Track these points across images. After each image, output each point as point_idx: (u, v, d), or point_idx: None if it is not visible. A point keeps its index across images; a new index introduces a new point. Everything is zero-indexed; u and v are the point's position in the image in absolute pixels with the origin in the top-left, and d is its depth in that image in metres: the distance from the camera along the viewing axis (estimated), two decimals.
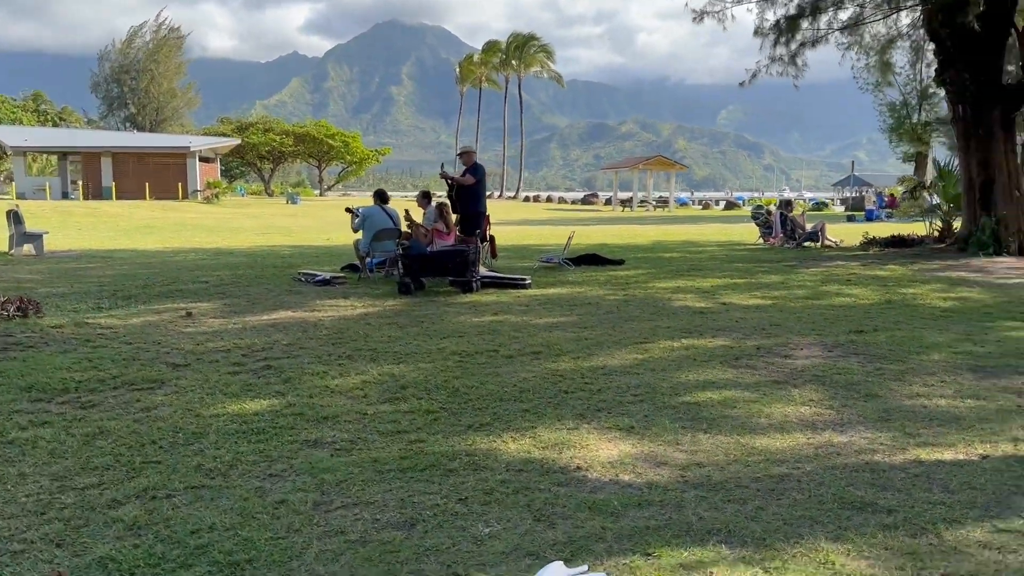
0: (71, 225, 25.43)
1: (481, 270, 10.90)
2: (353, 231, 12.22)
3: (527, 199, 75.03)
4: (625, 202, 54.21)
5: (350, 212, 12.48)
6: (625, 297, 9.82)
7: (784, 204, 19.82)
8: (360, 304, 9.26)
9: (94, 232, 22.98)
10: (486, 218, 11.88)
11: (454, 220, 11.73)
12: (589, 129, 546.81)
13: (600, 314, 8.53)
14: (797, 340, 7.10)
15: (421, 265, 10.56)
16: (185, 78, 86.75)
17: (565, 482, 3.76)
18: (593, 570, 2.88)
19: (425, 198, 12.86)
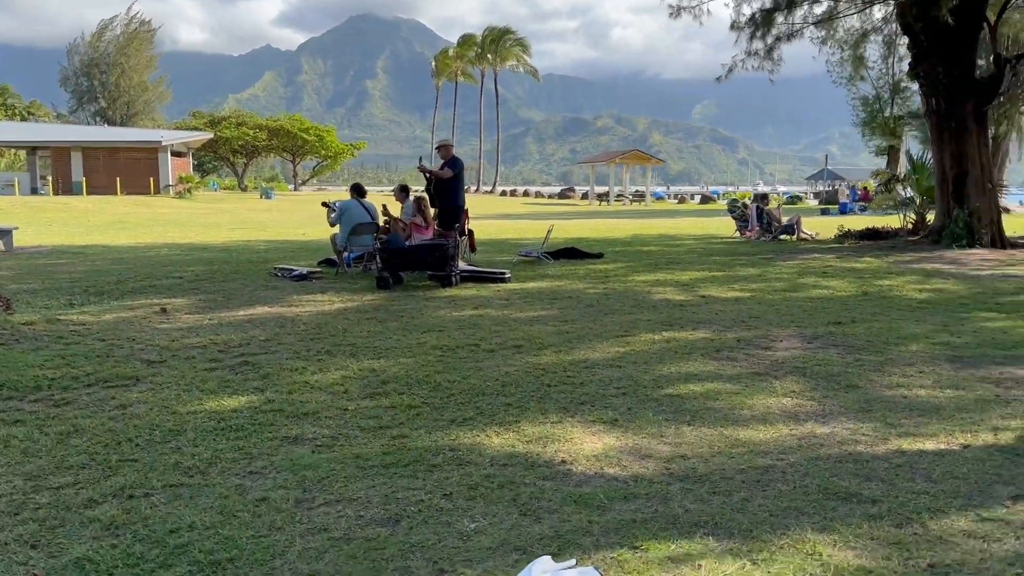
0: (41, 221, 24.99)
1: (460, 264, 10.84)
2: (330, 225, 12.10)
3: (504, 193, 74.95)
4: (602, 196, 54.33)
5: (326, 206, 12.36)
6: (605, 290, 9.82)
7: (760, 197, 19.94)
8: (338, 299, 9.17)
9: (65, 228, 22.59)
10: (465, 212, 11.82)
11: (432, 214, 11.67)
12: (565, 123, 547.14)
13: (581, 307, 8.52)
14: (777, 332, 7.13)
15: (399, 259, 10.48)
16: (156, 72, 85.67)
17: (550, 476, 3.74)
18: (581, 564, 2.86)
19: (403, 192, 12.79)
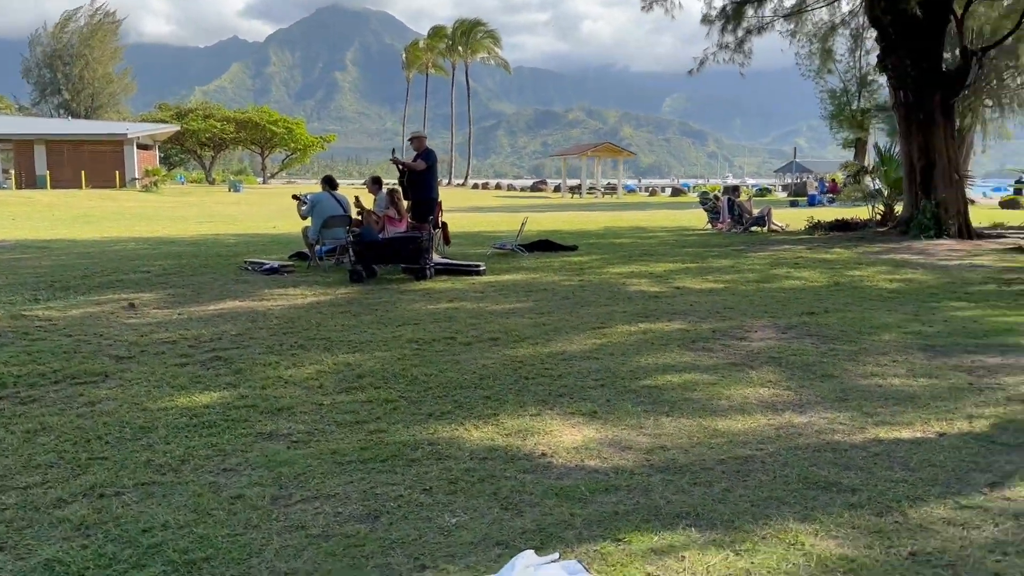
0: (4, 215, 24.44)
1: (434, 257, 10.77)
2: (301, 218, 11.95)
3: (476, 186, 74.73)
4: (574, 189, 54.39)
5: (297, 199, 12.20)
6: (580, 282, 9.81)
7: (732, 190, 20.08)
8: (310, 292, 9.06)
9: (29, 222, 22.12)
10: (438, 204, 11.73)
11: (406, 206, 11.57)
12: (536, 116, 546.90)
13: (556, 299, 8.50)
14: (751, 323, 7.17)
15: (373, 252, 10.38)
16: (121, 63, 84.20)
17: (531, 469, 3.70)
18: (564, 558, 2.83)
19: (376, 184, 12.67)
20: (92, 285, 9.51)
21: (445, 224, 12.58)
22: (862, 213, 18.96)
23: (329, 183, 11.89)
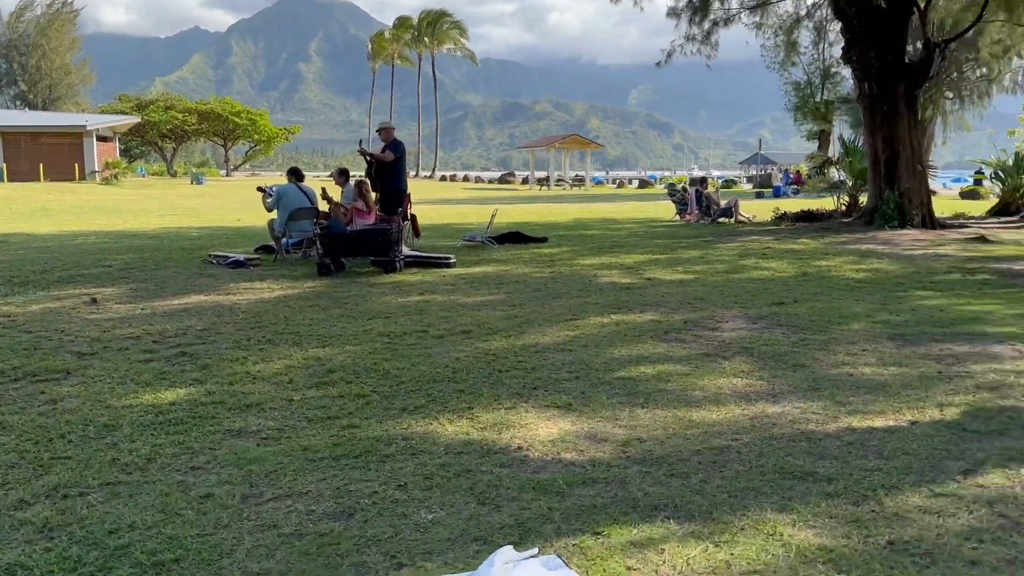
0: None
1: (404, 249, 10.67)
2: (267, 210, 11.78)
3: (443, 178, 74.35)
4: (542, 181, 54.35)
5: (262, 191, 12.02)
6: (551, 274, 9.78)
7: (699, 181, 20.19)
8: (278, 286, 8.92)
9: None
10: (407, 196, 11.61)
11: (374, 198, 11.44)
12: (503, 108, 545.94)
13: (528, 292, 8.46)
14: (722, 313, 7.19)
15: (341, 245, 10.26)
16: (80, 54, 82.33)
17: (507, 463, 3.66)
18: (543, 553, 2.80)
19: (343, 176, 12.51)
20: (52, 280, 9.27)
21: (414, 216, 12.48)
22: (827, 204, 19.18)
23: (295, 175, 11.72)
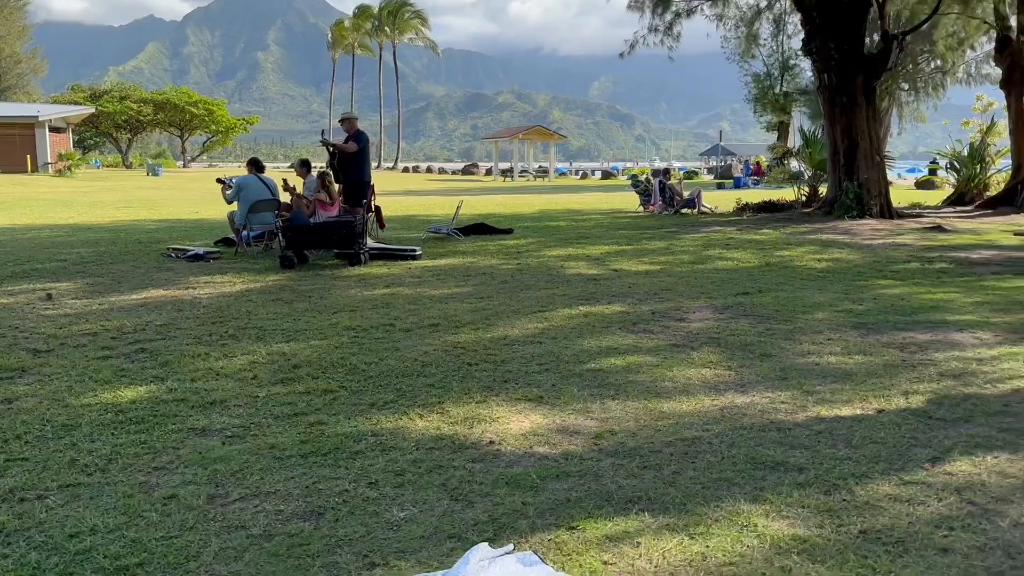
0: None
1: (368, 242, 10.55)
2: (227, 202, 11.55)
3: (406, 170, 73.81)
4: (506, 172, 54.23)
5: (221, 183, 11.80)
6: (518, 266, 9.74)
7: (663, 172, 20.29)
8: (239, 280, 8.76)
9: None
10: (371, 188, 11.47)
11: (337, 190, 11.29)
12: (466, 99, 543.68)
13: (495, 284, 8.41)
14: (689, 304, 7.22)
15: (304, 237, 10.11)
16: (31, 43, 79.93)
17: (479, 458, 3.62)
18: (519, 549, 2.76)
19: (304, 167, 12.33)
20: (5, 275, 8.99)
21: (379, 208, 12.34)
22: (788, 195, 19.42)
23: (255, 166, 11.54)
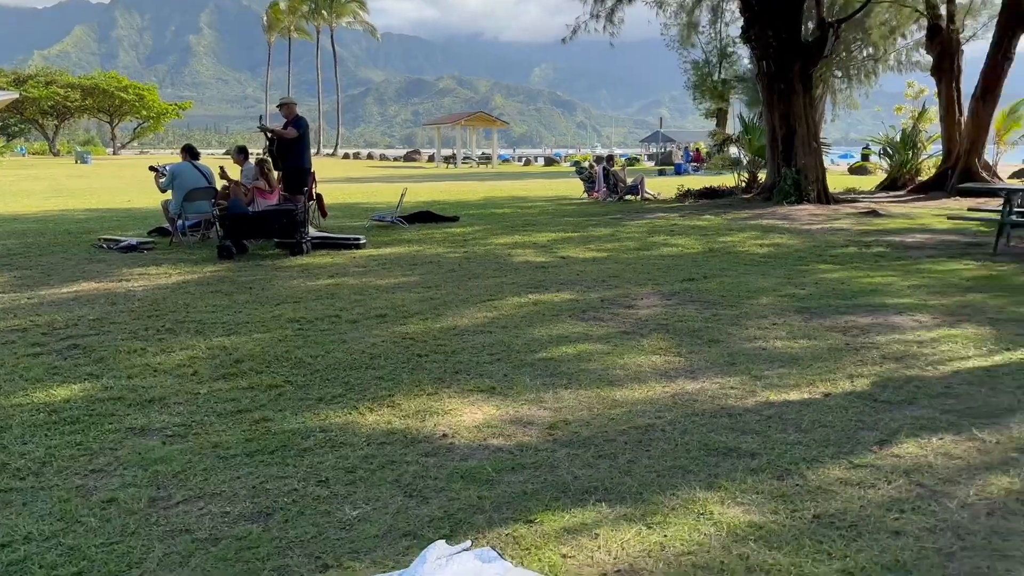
0: None
1: (310, 231, 10.33)
2: (160, 191, 11.20)
3: (347, 156, 72.79)
4: (449, 159, 53.90)
5: (155, 170, 11.43)
6: (465, 254, 9.65)
7: (607, 159, 20.38)
8: (175, 271, 8.49)
9: None
10: (312, 175, 11.22)
11: (276, 177, 11.02)
12: (406, 84, 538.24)
13: (443, 272, 8.31)
14: (637, 291, 7.24)
15: (242, 226, 9.84)
16: None
17: (432, 452, 3.55)
18: (477, 545, 2.71)
19: (241, 153, 12.03)
20: None
21: (320, 196, 12.10)
22: (728, 181, 19.71)
23: (190, 152, 11.22)
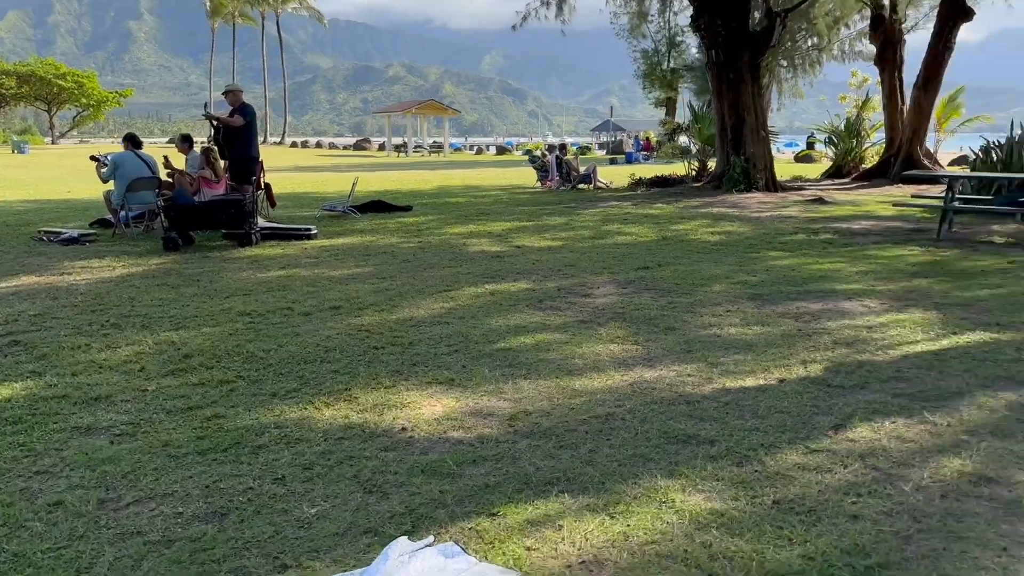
0: None
1: (259, 221, 10.12)
2: (102, 181, 10.88)
3: (295, 145, 71.59)
4: (400, 147, 53.40)
5: (96, 160, 11.10)
6: (420, 244, 9.56)
7: (559, 148, 20.41)
8: (119, 264, 8.25)
9: None
10: (260, 164, 10.99)
11: (223, 167, 10.78)
12: (355, 71, 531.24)
13: (397, 263, 8.22)
14: (593, 279, 7.26)
15: (189, 217, 9.61)
16: None
17: (392, 446, 3.49)
18: (439, 541, 2.68)
19: (186, 142, 11.75)
20: None
21: (268, 185, 11.88)
22: (679, 169, 19.90)
23: (132, 141, 10.94)
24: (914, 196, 13.78)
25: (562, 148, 20.48)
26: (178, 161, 11.22)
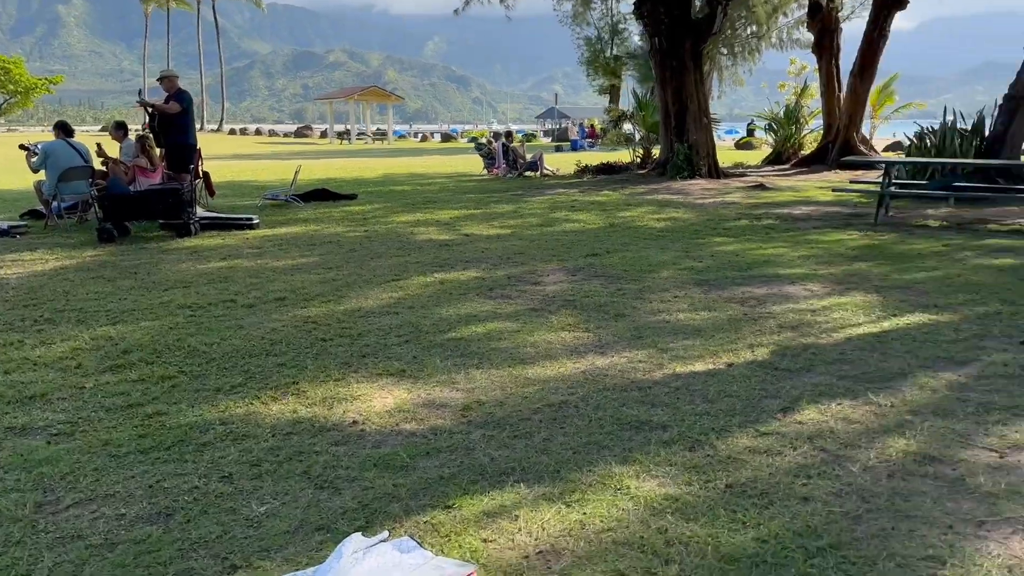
0: None
1: (198, 211, 9.85)
2: (32, 171, 10.49)
3: (233, 132, 70.01)
4: (343, 135, 52.67)
5: (25, 149, 10.68)
6: (366, 233, 9.43)
7: (505, 135, 20.35)
8: (52, 256, 7.96)
9: None
10: (198, 152, 10.68)
11: (159, 155, 10.46)
12: (294, 57, 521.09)
13: (343, 252, 8.08)
14: (542, 267, 7.25)
15: (124, 207, 9.30)
16: None
17: (343, 440, 3.43)
18: (394, 535, 2.63)
19: (120, 130, 11.38)
20: None
21: (207, 174, 11.58)
22: (624, 156, 20.03)
23: (63, 129, 10.58)
24: (852, 181, 14.11)
25: (508, 135, 20.42)
26: (112, 149, 10.86)
